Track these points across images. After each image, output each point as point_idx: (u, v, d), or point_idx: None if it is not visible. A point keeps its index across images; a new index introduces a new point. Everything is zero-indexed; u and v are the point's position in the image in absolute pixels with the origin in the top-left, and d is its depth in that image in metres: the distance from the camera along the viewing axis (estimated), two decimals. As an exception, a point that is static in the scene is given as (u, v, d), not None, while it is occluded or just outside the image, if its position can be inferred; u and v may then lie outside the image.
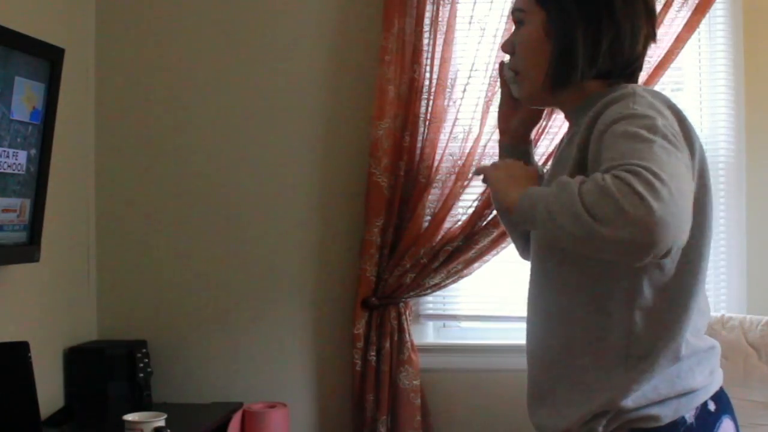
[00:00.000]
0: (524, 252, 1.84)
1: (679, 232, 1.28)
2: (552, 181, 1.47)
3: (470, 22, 3.06)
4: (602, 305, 1.51)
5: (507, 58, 1.69)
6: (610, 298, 1.50)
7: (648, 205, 1.25)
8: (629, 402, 1.49)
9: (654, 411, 1.49)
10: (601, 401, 1.51)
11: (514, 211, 1.45)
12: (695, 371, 1.52)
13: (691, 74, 3.16)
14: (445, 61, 3.02)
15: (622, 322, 1.50)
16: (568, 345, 1.56)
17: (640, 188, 1.26)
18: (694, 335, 1.53)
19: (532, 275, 1.67)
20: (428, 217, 3.06)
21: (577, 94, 1.59)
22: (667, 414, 1.49)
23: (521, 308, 3.32)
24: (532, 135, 1.84)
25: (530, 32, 1.60)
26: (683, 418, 1.50)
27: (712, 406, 1.53)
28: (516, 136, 1.78)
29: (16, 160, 2.42)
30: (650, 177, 1.27)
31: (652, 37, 1.61)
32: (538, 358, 1.64)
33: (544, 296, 1.63)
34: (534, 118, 1.78)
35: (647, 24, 1.59)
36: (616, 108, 1.44)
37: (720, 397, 1.56)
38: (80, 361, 2.95)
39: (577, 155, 1.48)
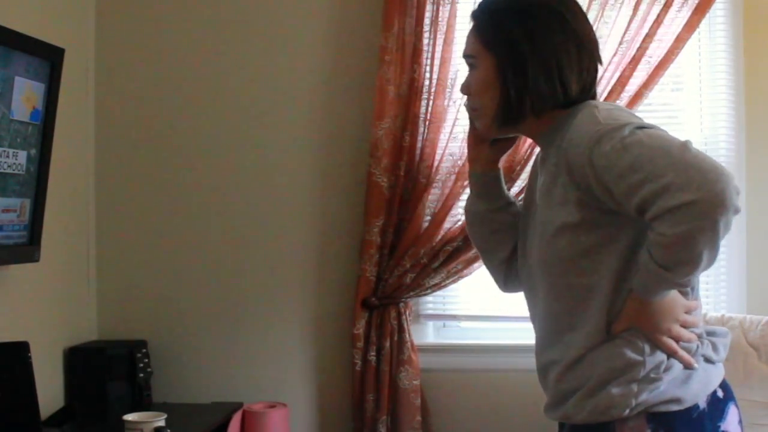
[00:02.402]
0: (506, 283, 1.91)
1: (719, 175, 1.43)
2: (544, 210, 1.65)
3: (470, 22, 3.05)
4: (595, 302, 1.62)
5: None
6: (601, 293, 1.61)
7: (693, 200, 1.42)
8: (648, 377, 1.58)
9: (678, 393, 1.58)
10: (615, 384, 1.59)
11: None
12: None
13: (691, 74, 3.16)
14: (445, 61, 3.02)
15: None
16: (571, 340, 1.65)
17: (674, 203, 1.43)
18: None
19: (543, 296, 1.73)
20: (428, 217, 3.06)
21: (539, 124, 1.70)
22: (686, 397, 1.58)
23: (521, 308, 3.32)
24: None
25: (481, 75, 1.72)
26: (697, 405, 1.58)
27: (720, 393, 1.63)
28: (485, 164, 1.86)
29: (16, 160, 2.42)
30: (668, 188, 1.44)
31: (597, 60, 1.72)
32: (560, 363, 1.69)
33: (552, 308, 1.71)
34: (504, 146, 1.86)
35: (584, 54, 1.68)
36: (587, 130, 1.56)
37: (725, 385, 1.66)
38: (80, 361, 2.95)
39: (570, 184, 1.58)
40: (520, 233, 1.80)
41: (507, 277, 1.89)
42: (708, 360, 1.63)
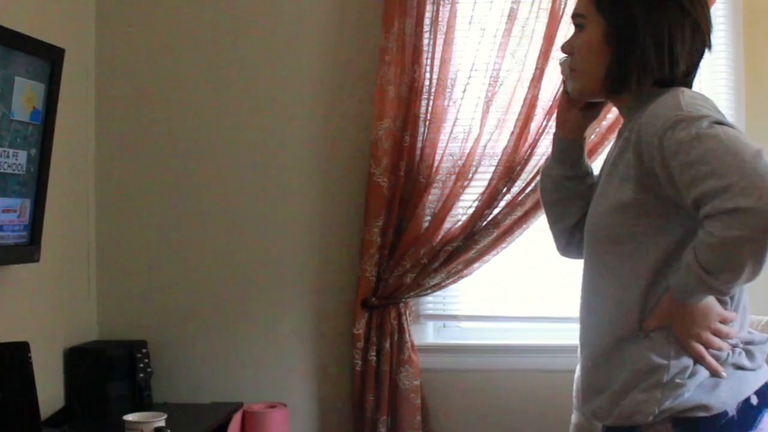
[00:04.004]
0: (565, 249, 1.91)
1: None
2: (606, 183, 1.64)
3: (470, 22, 3.06)
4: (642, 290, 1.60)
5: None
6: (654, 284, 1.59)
7: (751, 207, 1.39)
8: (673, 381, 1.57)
9: (705, 399, 1.55)
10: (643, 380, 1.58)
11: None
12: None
13: (691, 74, 3.16)
14: (445, 61, 3.02)
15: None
16: (612, 323, 1.64)
17: (731, 205, 1.40)
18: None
19: (584, 270, 1.74)
20: (428, 217, 3.06)
21: (634, 96, 1.67)
22: (714, 404, 1.55)
23: (521, 308, 3.32)
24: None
25: (590, 37, 1.69)
26: (726, 412, 1.56)
27: (754, 400, 1.59)
28: (572, 130, 1.84)
29: (16, 160, 2.42)
30: (729, 188, 1.41)
31: (708, 45, 1.72)
32: (589, 347, 1.70)
33: (593, 285, 1.71)
34: (593, 114, 1.84)
35: (698, 35, 1.69)
36: (666, 111, 1.53)
37: (764, 391, 1.61)
38: (80, 361, 2.95)
39: (634, 160, 1.56)
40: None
41: (568, 245, 1.88)
42: (740, 368, 1.60)
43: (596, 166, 1.86)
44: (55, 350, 2.92)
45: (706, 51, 1.72)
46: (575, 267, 2.89)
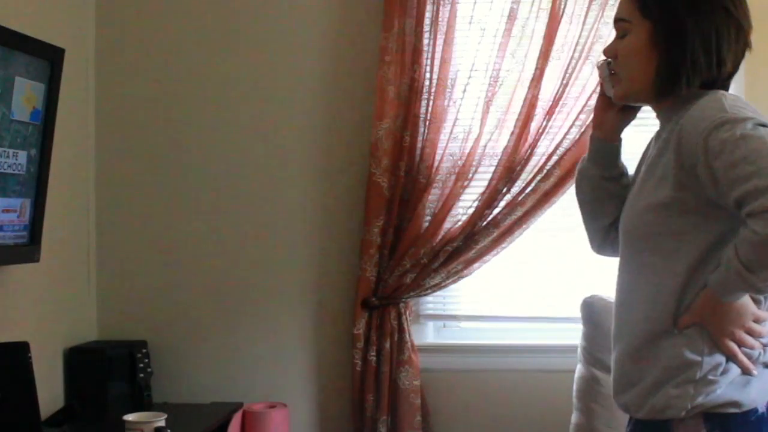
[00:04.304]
0: (600, 247, 1.93)
1: None
2: (643, 183, 1.66)
3: (470, 22, 3.06)
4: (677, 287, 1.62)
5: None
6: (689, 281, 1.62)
7: None
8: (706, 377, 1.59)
9: (736, 396, 1.59)
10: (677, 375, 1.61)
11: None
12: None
13: (691, 74, 3.15)
14: (445, 61, 3.02)
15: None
16: (649, 319, 1.66)
17: None
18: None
19: (620, 267, 1.77)
20: (428, 217, 3.06)
21: (674, 99, 1.68)
22: (745, 401, 1.59)
23: (521, 308, 3.32)
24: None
25: (635, 42, 1.69)
26: (756, 409, 1.59)
27: None
28: (609, 131, 1.85)
29: (16, 160, 2.42)
30: None
31: (749, 45, 1.73)
32: (623, 341, 1.72)
33: (629, 282, 1.73)
34: (629, 116, 1.85)
35: (741, 36, 1.70)
36: (710, 113, 1.55)
37: None
38: (80, 361, 2.95)
39: (674, 161, 1.58)
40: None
41: (603, 242, 1.90)
42: None
43: (630, 165, 1.88)
44: (55, 350, 2.92)
45: (747, 51, 1.73)
46: (575, 267, 2.89)
